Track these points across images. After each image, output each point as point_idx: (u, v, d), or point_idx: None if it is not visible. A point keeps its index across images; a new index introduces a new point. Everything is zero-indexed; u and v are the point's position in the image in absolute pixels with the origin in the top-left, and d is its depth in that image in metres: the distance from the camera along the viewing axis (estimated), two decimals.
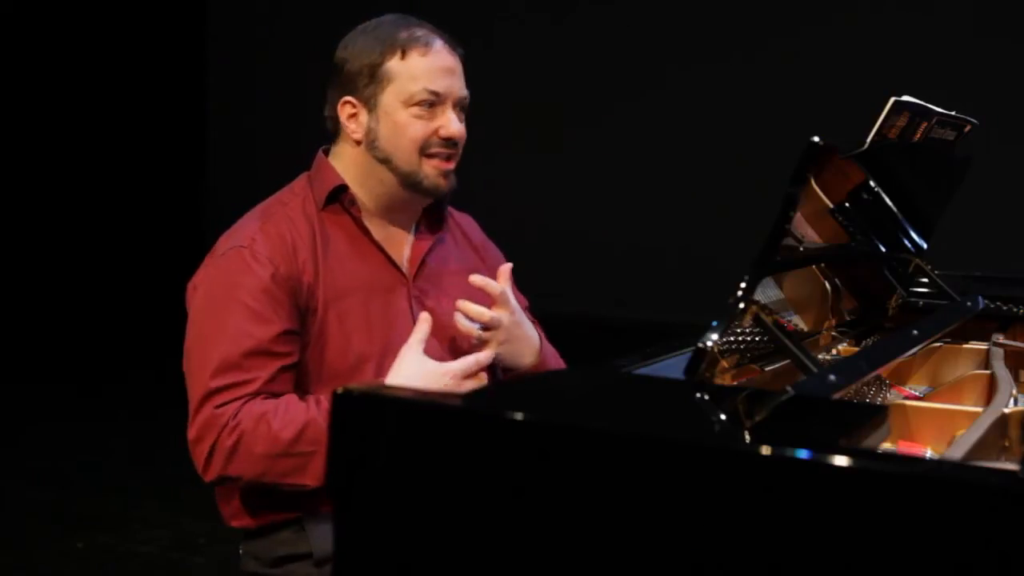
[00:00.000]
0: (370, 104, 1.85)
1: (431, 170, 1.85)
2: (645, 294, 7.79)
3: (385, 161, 1.85)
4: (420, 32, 1.85)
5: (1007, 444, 1.50)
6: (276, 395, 1.76)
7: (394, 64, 1.83)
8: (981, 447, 1.36)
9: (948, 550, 0.91)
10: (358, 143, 1.87)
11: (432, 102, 1.83)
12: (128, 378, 6.35)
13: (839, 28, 7.42)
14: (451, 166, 1.87)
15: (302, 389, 1.81)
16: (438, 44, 1.85)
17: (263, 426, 1.71)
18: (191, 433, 1.75)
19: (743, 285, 1.43)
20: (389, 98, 1.83)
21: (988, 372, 1.81)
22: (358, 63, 1.85)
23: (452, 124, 1.84)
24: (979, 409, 1.55)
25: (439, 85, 1.83)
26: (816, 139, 1.47)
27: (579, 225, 8.14)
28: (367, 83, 1.84)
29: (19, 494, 4.32)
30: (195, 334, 1.80)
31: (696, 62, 7.79)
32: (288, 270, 1.80)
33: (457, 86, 1.86)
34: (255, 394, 1.74)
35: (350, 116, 1.87)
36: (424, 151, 1.84)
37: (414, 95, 1.82)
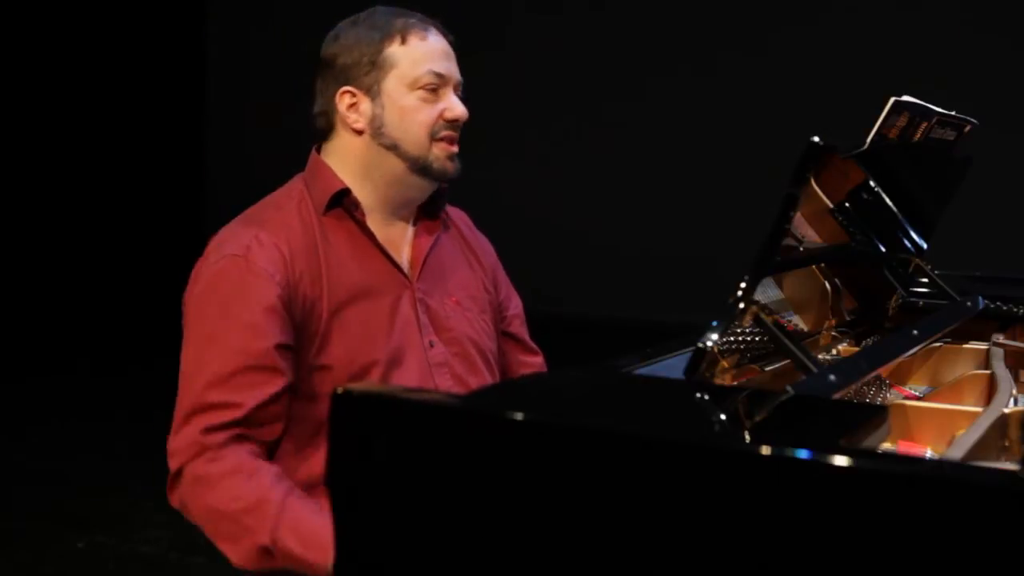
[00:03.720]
0: (372, 91, 1.84)
1: (440, 152, 1.85)
2: (645, 294, 7.79)
3: (392, 147, 1.85)
4: (414, 19, 1.87)
5: (1007, 444, 1.50)
6: (262, 425, 1.73)
7: (395, 50, 1.83)
8: (981, 447, 1.36)
9: (948, 550, 0.91)
10: (359, 133, 1.86)
11: (436, 85, 1.84)
12: (128, 378, 6.34)
13: (839, 28, 7.43)
14: (456, 149, 1.88)
15: (309, 400, 1.79)
16: (433, 29, 1.87)
17: (230, 481, 1.67)
18: (172, 443, 1.73)
19: (743, 285, 1.43)
20: (393, 83, 1.83)
21: (988, 372, 1.81)
22: (355, 53, 1.84)
23: (457, 106, 1.86)
24: (979, 409, 1.55)
25: (442, 67, 1.85)
26: (816, 139, 1.47)
27: (579, 226, 8.15)
28: (368, 70, 1.84)
29: (19, 494, 4.32)
30: (189, 345, 1.78)
31: (696, 62, 7.79)
32: (285, 281, 1.76)
33: (456, 70, 1.88)
34: (243, 422, 1.70)
35: (350, 106, 1.86)
36: (433, 135, 1.85)
37: (419, 78, 1.83)
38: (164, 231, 8.95)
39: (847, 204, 1.87)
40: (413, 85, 1.83)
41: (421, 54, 1.83)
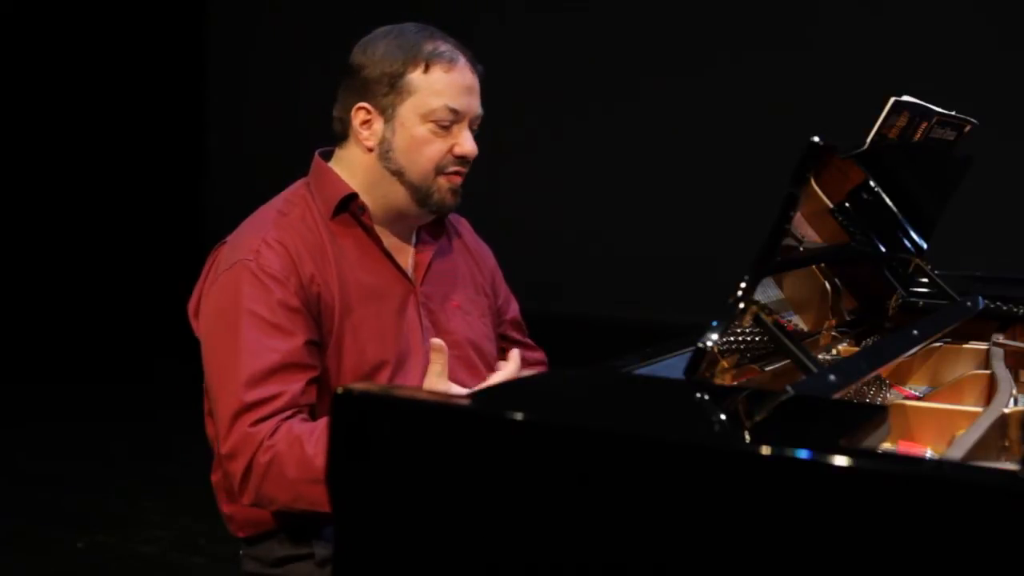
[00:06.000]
0: (387, 113, 1.83)
1: (444, 183, 1.85)
2: (645, 294, 7.78)
3: (397, 173, 1.85)
4: (445, 47, 1.83)
5: (1007, 444, 1.49)
6: (308, 407, 1.75)
7: (416, 77, 1.81)
8: (981, 447, 1.36)
9: (948, 550, 0.91)
10: (370, 150, 1.86)
11: (451, 121, 1.82)
12: (129, 379, 6.34)
13: (839, 28, 7.42)
14: (460, 182, 1.87)
15: (321, 400, 1.80)
16: (461, 61, 1.84)
17: (296, 449, 1.68)
18: (224, 448, 1.73)
19: (743, 285, 1.42)
20: (408, 111, 1.82)
21: (988, 372, 1.81)
22: (378, 70, 1.82)
23: (467, 143, 1.84)
24: (979, 409, 1.55)
25: (460, 104, 1.82)
26: (816, 139, 1.46)
27: (579, 225, 8.14)
28: (386, 92, 1.82)
29: (19, 494, 4.32)
30: (217, 353, 1.78)
31: (696, 62, 7.79)
32: (298, 281, 1.78)
33: (475, 105, 1.85)
34: (287, 408, 1.72)
35: (364, 123, 1.85)
36: (440, 170, 1.84)
37: (434, 111, 1.81)
38: (164, 232, 8.95)
39: (847, 204, 1.86)
40: (427, 117, 1.81)
41: (442, 86, 1.81)
